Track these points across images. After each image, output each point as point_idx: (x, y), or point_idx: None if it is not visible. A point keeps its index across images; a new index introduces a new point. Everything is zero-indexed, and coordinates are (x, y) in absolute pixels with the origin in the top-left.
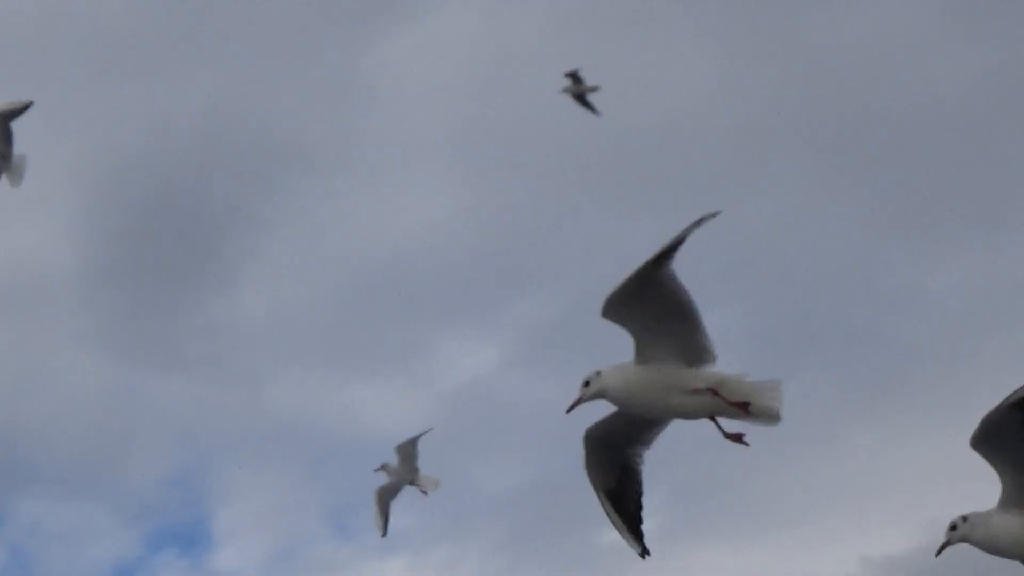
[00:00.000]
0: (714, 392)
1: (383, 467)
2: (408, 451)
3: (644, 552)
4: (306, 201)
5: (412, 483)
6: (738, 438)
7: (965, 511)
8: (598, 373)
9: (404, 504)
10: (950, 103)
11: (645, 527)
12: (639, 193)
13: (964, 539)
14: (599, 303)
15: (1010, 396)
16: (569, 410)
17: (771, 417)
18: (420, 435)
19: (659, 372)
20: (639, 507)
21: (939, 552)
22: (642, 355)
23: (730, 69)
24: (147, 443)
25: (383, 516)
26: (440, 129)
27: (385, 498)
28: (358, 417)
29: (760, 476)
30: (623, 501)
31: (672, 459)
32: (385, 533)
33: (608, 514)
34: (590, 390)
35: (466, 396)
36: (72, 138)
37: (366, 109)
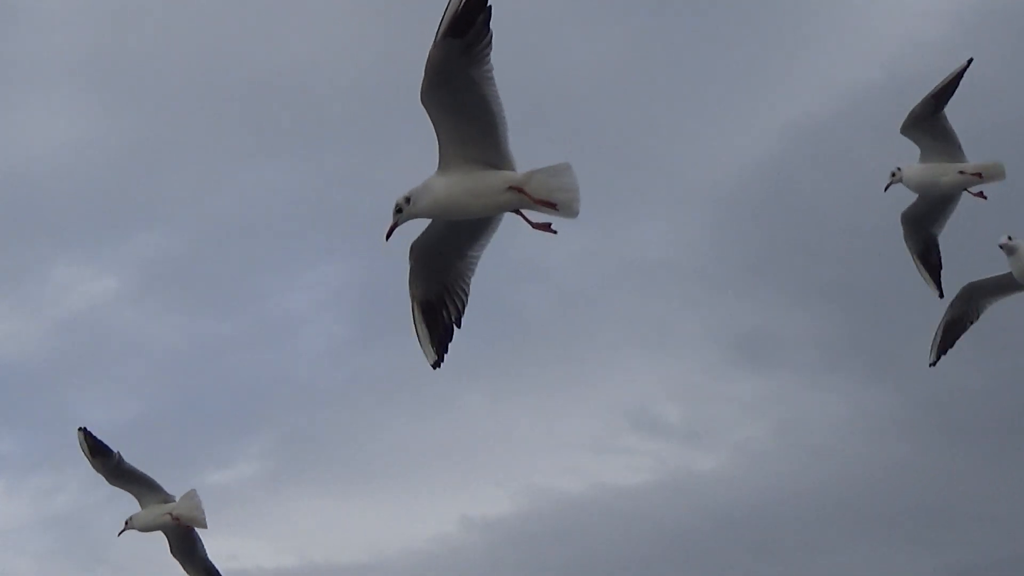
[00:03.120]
0: (519, 190)
1: None
2: None
3: (437, 364)
4: None
5: None
6: (546, 227)
7: (564, 480)
8: (407, 198)
9: (3, 431)
10: None
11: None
12: (266, 134)
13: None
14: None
15: (932, 89)
16: (387, 237)
17: (571, 213)
18: None
19: (465, 177)
20: (455, 323)
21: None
22: (446, 165)
23: None
24: None
25: None
26: (79, 51)
27: None
28: None
29: (368, 429)
30: (435, 315)
31: (279, 409)
32: None
33: (415, 324)
34: (404, 215)
35: (79, 324)
36: None
37: (4, 23)
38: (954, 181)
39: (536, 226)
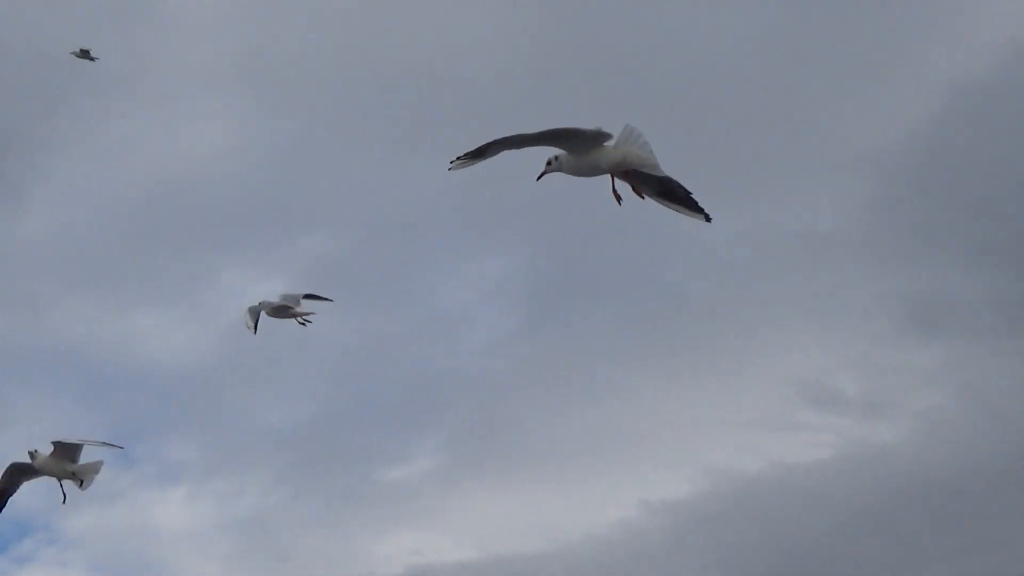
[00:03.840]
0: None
1: None
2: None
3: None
4: (93, 122)
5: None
6: (617, 197)
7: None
8: (556, 158)
9: (184, 436)
10: None
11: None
12: (420, 134)
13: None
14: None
15: None
16: (539, 178)
17: (654, 167)
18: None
19: (583, 158)
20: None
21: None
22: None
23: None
24: None
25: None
26: (230, 58)
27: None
28: (139, 344)
29: (541, 418)
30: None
31: (451, 402)
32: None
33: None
34: (552, 168)
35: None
36: None
37: (158, 32)
38: None
39: (614, 193)
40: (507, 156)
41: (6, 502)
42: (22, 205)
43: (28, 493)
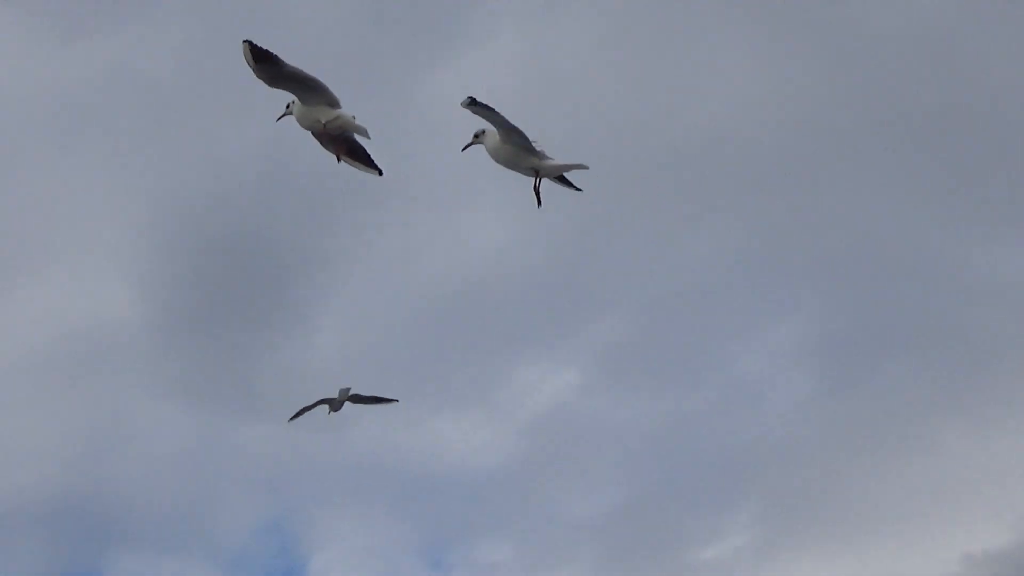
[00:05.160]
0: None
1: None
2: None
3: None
4: (372, 235)
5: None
6: (537, 194)
7: None
8: (483, 131)
9: (496, 537)
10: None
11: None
12: (700, 203)
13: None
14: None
15: None
16: (464, 149)
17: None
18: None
19: (514, 151)
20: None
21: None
22: (504, 142)
23: (783, 68)
24: (235, 492)
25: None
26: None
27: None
28: (441, 451)
29: (851, 480)
30: None
31: (758, 474)
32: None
33: None
34: (478, 140)
35: (548, 422)
36: (135, 191)
37: (424, 138)
38: None
39: (535, 189)
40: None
41: None
42: (310, 325)
43: None
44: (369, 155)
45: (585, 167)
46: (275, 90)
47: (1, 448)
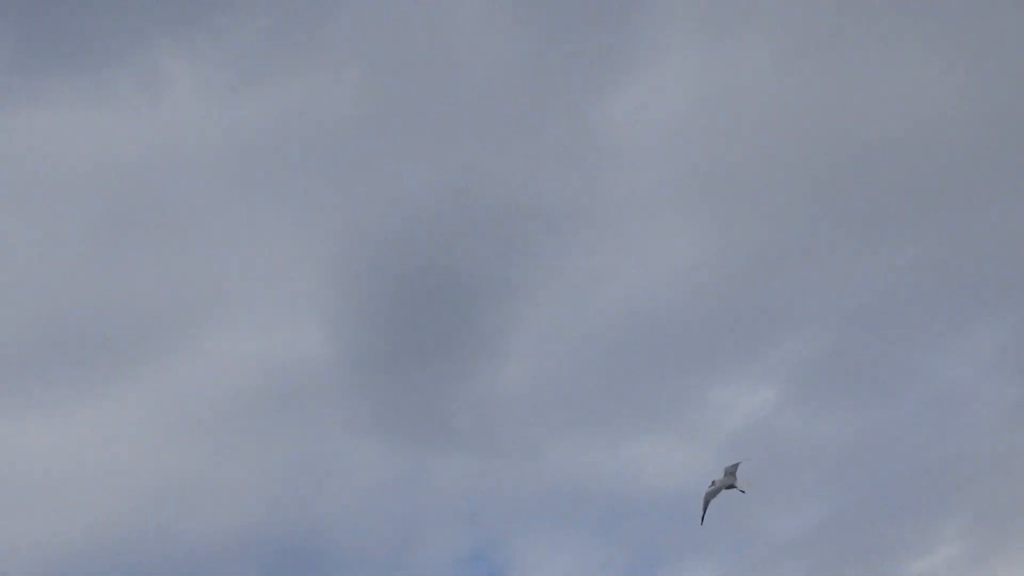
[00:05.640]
0: None
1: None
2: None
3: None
4: (557, 262)
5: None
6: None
7: None
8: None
9: (700, 556)
10: None
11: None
12: (887, 215)
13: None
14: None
15: None
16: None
17: None
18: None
19: None
20: None
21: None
22: None
23: (970, 82)
24: (436, 523)
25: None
26: (676, 174)
27: (708, 499)
28: (640, 473)
29: None
30: None
31: (965, 483)
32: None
33: None
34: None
35: (746, 440)
36: (322, 232)
37: (602, 163)
38: None
39: None
40: None
41: None
42: (501, 354)
43: None
44: None
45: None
46: (455, 129)
47: (209, 489)
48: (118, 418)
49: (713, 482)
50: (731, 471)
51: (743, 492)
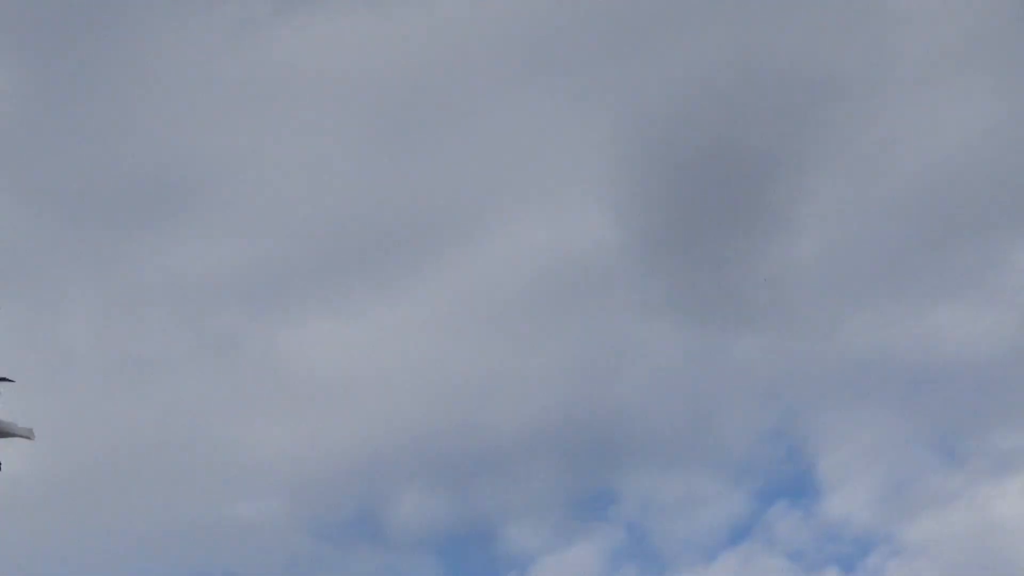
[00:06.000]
0: None
1: None
2: None
3: None
4: (846, 131)
5: None
6: None
7: None
8: None
9: (1011, 425)
10: None
11: None
12: None
13: None
14: None
15: None
16: None
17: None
18: None
19: None
20: None
21: None
22: None
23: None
24: (734, 402)
25: None
26: (968, 35)
27: None
28: (942, 342)
29: None
30: None
31: None
32: None
33: None
34: None
35: None
36: (601, 119)
37: (889, 27)
38: None
39: None
40: None
41: None
42: (792, 228)
43: None
44: None
45: None
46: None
47: (506, 381)
48: (413, 317)
49: None
50: None
51: None
